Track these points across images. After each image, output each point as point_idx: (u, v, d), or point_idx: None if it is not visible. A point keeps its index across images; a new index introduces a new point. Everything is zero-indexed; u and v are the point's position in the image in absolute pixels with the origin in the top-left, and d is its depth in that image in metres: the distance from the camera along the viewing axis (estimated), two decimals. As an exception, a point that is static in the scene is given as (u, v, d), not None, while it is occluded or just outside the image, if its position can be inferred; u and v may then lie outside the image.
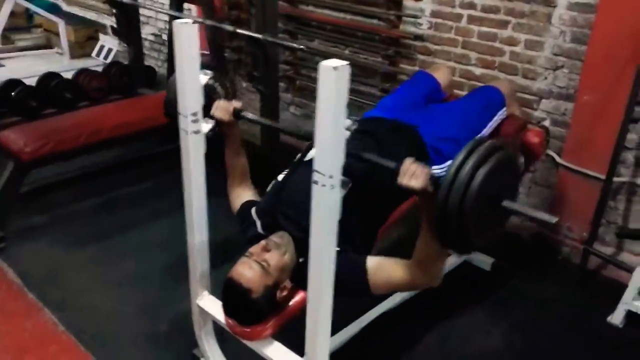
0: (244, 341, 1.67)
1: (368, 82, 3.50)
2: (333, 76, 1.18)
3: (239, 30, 2.82)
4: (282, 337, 1.65)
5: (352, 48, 3.56)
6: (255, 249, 1.61)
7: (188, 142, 1.66)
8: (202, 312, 1.83)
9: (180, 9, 3.33)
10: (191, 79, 1.59)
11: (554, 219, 1.28)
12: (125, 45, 3.68)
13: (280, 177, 1.84)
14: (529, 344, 2.19)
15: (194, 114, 1.63)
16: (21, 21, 5.96)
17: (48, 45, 5.65)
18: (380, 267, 1.57)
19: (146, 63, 4.24)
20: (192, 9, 4.04)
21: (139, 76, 3.64)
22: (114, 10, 3.41)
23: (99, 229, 2.83)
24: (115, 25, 3.51)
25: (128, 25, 3.44)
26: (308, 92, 3.93)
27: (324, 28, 3.66)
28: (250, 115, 1.82)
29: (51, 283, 2.43)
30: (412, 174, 1.37)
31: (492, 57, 2.94)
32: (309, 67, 3.86)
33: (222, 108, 1.77)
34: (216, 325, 1.84)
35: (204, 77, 1.69)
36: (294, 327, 1.60)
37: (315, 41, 3.76)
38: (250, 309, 1.57)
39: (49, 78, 3.76)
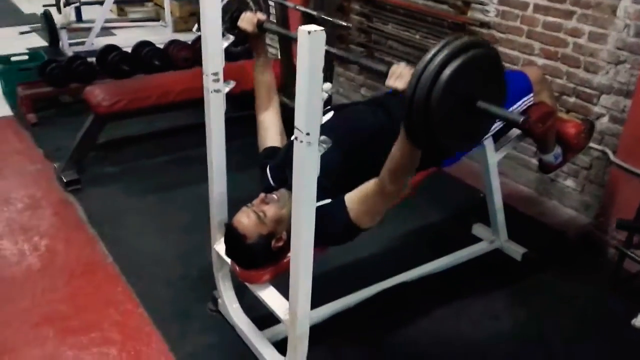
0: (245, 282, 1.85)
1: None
2: (307, 40, 1.29)
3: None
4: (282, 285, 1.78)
5: (422, 33, 3.60)
6: (256, 200, 1.76)
7: (209, 100, 1.84)
8: (219, 256, 2.02)
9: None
10: (213, 41, 1.77)
11: (520, 118, 1.27)
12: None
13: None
14: (540, 335, 2.18)
15: (215, 74, 1.81)
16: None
17: (156, 19, 6.12)
18: (355, 194, 1.67)
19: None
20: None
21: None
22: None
23: (162, 182, 3.12)
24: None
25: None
26: (379, 75, 4.01)
27: (397, 12, 3.72)
28: (274, 27, 1.95)
29: (111, 223, 2.73)
30: (398, 75, 1.39)
31: (555, 48, 2.87)
32: (382, 51, 3.94)
33: (247, 19, 1.91)
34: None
35: (226, 42, 1.86)
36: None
37: (389, 25, 3.83)
38: (245, 253, 1.73)
39: (143, 46, 4.11)
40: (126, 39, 5.16)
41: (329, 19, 2.69)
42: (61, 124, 3.71)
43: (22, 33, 5.31)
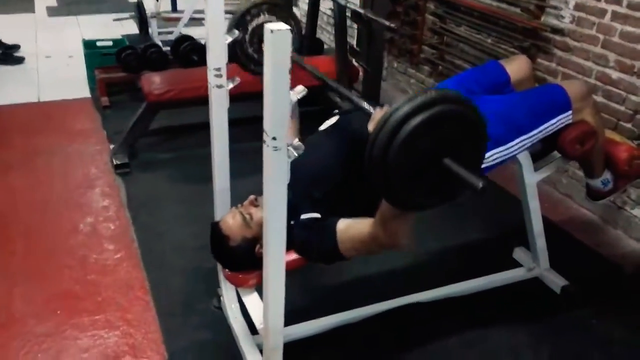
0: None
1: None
2: (270, 39, 1.22)
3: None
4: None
5: (494, 38, 3.36)
6: (246, 201, 1.71)
7: (212, 95, 1.81)
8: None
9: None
10: (216, 36, 1.74)
11: (479, 183, 1.16)
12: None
13: None
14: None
15: (217, 69, 1.77)
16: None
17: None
18: (348, 226, 1.57)
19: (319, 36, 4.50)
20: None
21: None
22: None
23: (207, 173, 3.14)
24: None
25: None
26: (449, 79, 3.82)
27: (471, 14, 3.50)
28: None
29: (147, 208, 2.81)
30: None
31: (632, 60, 2.56)
32: (453, 54, 3.74)
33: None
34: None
35: (230, 37, 1.82)
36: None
37: (462, 27, 3.62)
38: (227, 255, 1.69)
39: (185, 40, 4.20)
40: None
41: (374, 17, 2.61)
42: (130, 109, 3.81)
43: (116, 20, 5.63)
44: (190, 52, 4.05)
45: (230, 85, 1.84)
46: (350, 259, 1.62)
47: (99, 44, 4.34)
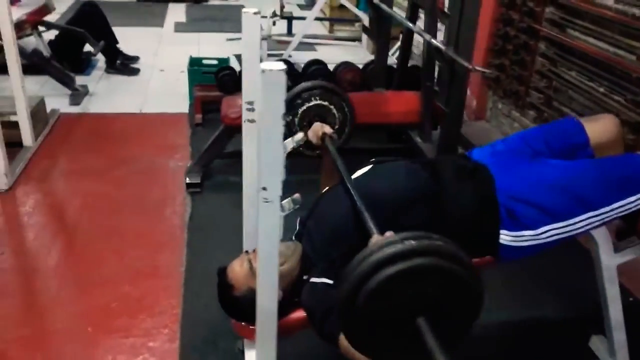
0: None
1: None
2: (262, 79, 1.10)
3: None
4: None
5: (606, 87, 2.98)
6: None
7: (244, 129, 1.72)
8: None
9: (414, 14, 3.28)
10: (251, 70, 1.64)
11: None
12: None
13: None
14: None
15: (250, 103, 1.68)
16: (350, 14, 6.62)
17: (358, 39, 6.18)
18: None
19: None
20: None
21: (378, 75, 3.74)
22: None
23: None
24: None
25: (379, 26, 3.57)
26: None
27: (584, 59, 3.14)
28: (330, 147, 1.82)
29: (206, 231, 2.78)
30: None
31: None
32: (560, 101, 3.37)
33: (313, 130, 1.94)
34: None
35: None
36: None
37: (573, 72, 3.25)
38: (232, 304, 1.57)
39: (314, 64, 4.17)
40: (325, 55, 5.31)
41: (454, 56, 2.38)
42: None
43: (229, 40, 5.80)
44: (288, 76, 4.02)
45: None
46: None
47: (204, 61, 4.47)
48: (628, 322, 2.01)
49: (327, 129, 1.93)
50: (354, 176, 1.65)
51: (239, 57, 5.36)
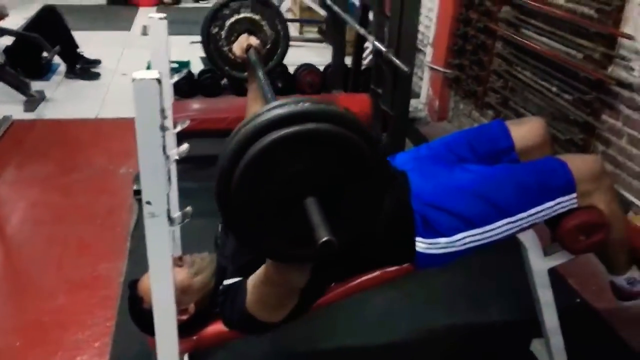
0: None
1: (560, 129, 2.85)
2: (134, 89, 1.05)
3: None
4: None
5: (557, 87, 2.95)
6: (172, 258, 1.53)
7: None
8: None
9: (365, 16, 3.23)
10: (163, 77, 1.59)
11: (324, 236, 0.83)
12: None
13: None
14: None
15: (162, 110, 1.61)
16: (320, 16, 6.56)
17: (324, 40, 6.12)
18: (252, 276, 1.34)
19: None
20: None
21: (336, 77, 3.69)
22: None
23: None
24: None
25: (334, 28, 3.53)
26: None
27: (539, 58, 3.11)
28: (253, 57, 1.71)
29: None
30: None
31: None
32: (515, 102, 3.34)
33: (239, 42, 1.77)
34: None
35: (176, 76, 1.69)
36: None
37: (528, 72, 3.22)
38: (139, 318, 1.51)
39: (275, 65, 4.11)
40: (292, 56, 5.25)
41: (393, 59, 2.34)
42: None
43: (192, 42, 5.72)
44: (243, 80, 3.96)
45: (179, 128, 1.69)
46: (260, 319, 1.36)
47: (163, 65, 4.39)
48: (574, 324, 1.98)
49: (253, 41, 1.76)
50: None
51: (204, 60, 5.30)
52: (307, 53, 5.64)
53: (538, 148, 1.64)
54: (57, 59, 4.82)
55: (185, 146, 1.22)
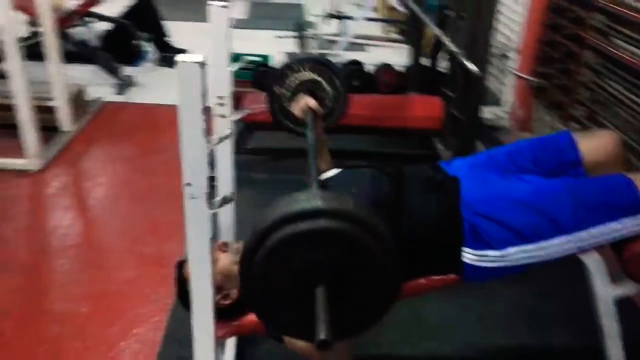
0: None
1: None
2: (179, 72, 1.08)
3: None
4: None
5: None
6: (217, 243, 1.58)
7: (215, 124, 1.71)
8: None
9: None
10: (221, 64, 1.64)
11: (321, 335, 0.92)
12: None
13: None
14: None
15: (220, 98, 1.67)
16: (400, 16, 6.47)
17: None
18: None
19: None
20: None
21: (413, 79, 3.64)
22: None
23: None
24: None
25: (413, 28, 3.48)
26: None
27: (631, 71, 2.91)
28: (308, 118, 1.75)
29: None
30: None
31: None
32: (604, 117, 3.15)
33: (297, 103, 1.86)
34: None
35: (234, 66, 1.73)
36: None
37: (620, 86, 3.03)
38: (185, 298, 1.55)
39: (351, 64, 4.12)
40: (374, 56, 5.24)
41: (464, 60, 2.27)
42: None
43: (277, 37, 5.82)
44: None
45: (236, 116, 1.74)
46: None
47: (246, 58, 4.50)
48: None
49: (312, 102, 1.84)
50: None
51: (289, 54, 5.38)
52: (390, 54, 5.61)
53: (608, 164, 1.53)
54: (149, 47, 5.06)
55: (228, 131, 1.24)
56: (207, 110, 1.12)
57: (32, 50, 3.84)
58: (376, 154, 3.30)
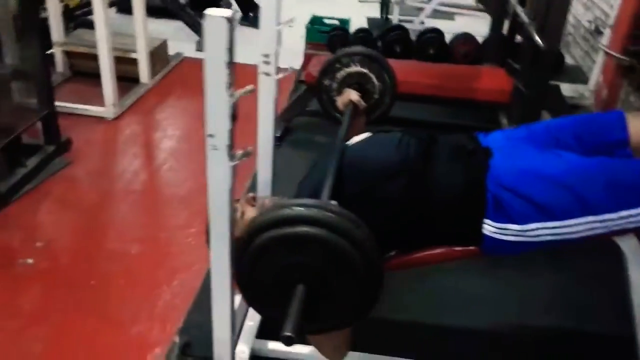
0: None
1: None
2: (206, 26, 1.11)
3: None
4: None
5: None
6: (247, 196, 1.62)
7: (259, 82, 1.74)
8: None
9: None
10: (268, 22, 1.66)
11: (287, 331, 1.02)
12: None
13: None
14: None
15: (266, 56, 1.69)
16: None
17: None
18: None
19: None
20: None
21: (491, 49, 3.49)
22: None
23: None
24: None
25: None
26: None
27: None
28: (347, 112, 1.78)
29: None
30: None
31: None
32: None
33: (342, 96, 1.97)
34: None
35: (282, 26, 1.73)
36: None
37: None
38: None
39: (429, 32, 4.01)
40: (458, 26, 5.08)
41: (532, 32, 2.15)
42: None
43: (361, 1, 5.75)
44: (394, 43, 3.93)
45: (281, 75, 1.75)
46: None
47: (324, 20, 4.50)
48: None
49: (354, 96, 1.92)
50: (350, 142, 1.60)
51: (371, 20, 5.33)
52: (477, 23, 5.39)
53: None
54: (234, 5, 5.17)
55: (250, 87, 1.27)
56: (232, 65, 1.14)
57: (121, 4, 4.05)
58: (440, 124, 3.23)
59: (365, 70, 2.03)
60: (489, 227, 1.35)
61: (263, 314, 1.34)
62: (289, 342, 1.00)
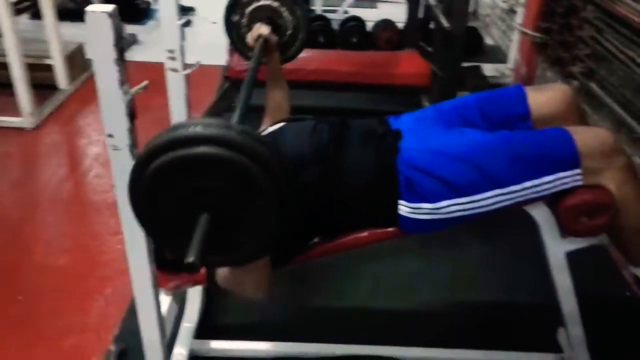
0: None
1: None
2: (88, 22, 1.08)
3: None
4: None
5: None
6: None
7: (167, 79, 1.71)
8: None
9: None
10: (168, 16, 1.63)
11: (190, 257, 0.90)
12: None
13: None
14: None
15: (171, 51, 1.66)
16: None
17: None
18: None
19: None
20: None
21: (411, 34, 3.56)
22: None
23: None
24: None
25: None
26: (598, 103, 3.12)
27: (630, 27, 2.77)
28: (257, 47, 1.74)
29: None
30: None
31: None
32: (602, 74, 3.04)
33: (251, 31, 1.85)
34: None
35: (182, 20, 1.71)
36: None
37: (618, 42, 2.90)
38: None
39: (350, 20, 4.04)
40: (380, 13, 5.12)
41: (440, 16, 2.20)
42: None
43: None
44: (317, 33, 3.94)
45: (188, 70, 1.72)
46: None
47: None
48: (621, 318, 1.91)
49: (264, 29, 1.81)
50: (264, 132, 1.60)
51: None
52: (401, 10, 5.48)
53: (560, 119, 1.47)
54: (155, 5, 5.04)
55: (144, 82, 1.24)
56: (122, 62, 1.10)
57: (33, 9, 3.88)
58: (361, 110, 3.25)
59: (276, 4, 1.90)
60: (404, 208, 1.38)
61: (165, 245, 1.23)
62: (193, 268, 0.90)
